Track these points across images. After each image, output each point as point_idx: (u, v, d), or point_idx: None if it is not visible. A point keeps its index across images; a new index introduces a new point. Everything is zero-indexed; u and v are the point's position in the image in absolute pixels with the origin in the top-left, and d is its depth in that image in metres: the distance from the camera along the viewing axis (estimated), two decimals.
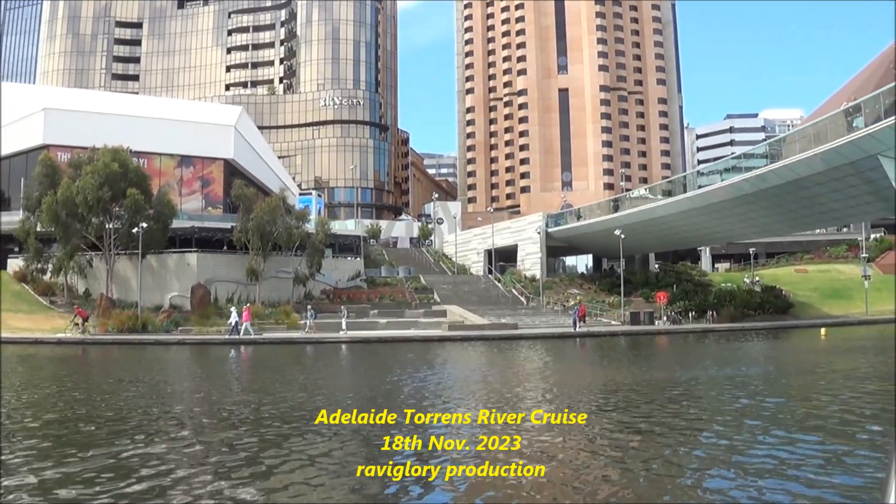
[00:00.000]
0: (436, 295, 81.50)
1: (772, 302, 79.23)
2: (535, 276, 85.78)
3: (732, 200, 58.60)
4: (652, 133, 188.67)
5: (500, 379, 29.08)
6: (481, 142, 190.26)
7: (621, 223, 74.59)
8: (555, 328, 67.06)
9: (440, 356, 43.06)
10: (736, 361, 35.60)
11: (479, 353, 45.18)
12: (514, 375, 31.11)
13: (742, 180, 54.86)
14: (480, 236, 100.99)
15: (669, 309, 74.31)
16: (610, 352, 44.63)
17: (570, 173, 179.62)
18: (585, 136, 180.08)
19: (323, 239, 76.20)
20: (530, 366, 36.02)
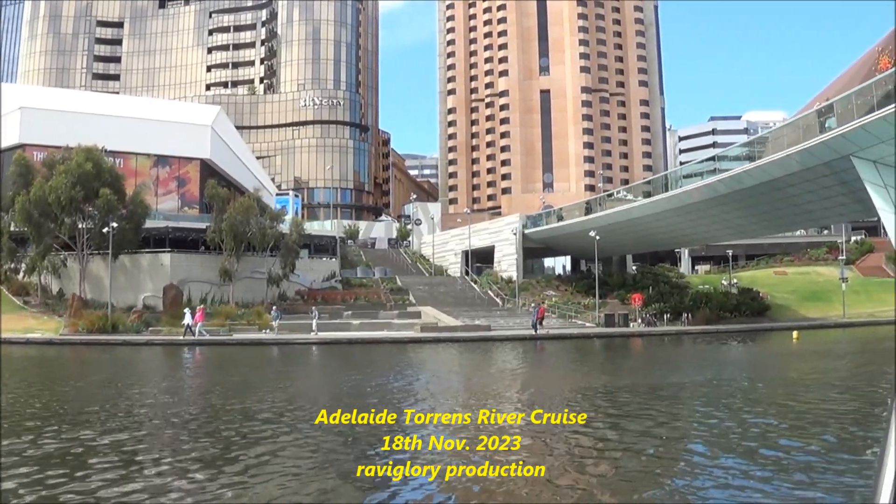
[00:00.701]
0: (411, 296, 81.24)
1: (748, 304, 79.06)
2: (511, 278, 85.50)
3: (708, 202, 58.33)
4: (634, 135, 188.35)
5: (455, 382, 28.28)
6: (463, 143, 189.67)
7: (597, 224, 74.29)
8: (527, 330, 66.94)
9: (406, 358, 42.77)
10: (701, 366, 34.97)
11: (447, 355, 44.87)
12: (473, 378, 30.35)
13: (717, 181, 54.50)
14: (458, 237, 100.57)
15: (644, 311, 74.07)
16: (577, 354, 44.16)
17: (551, 174, 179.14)
18: (567, 137, 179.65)
19: (297, 239, 75.63)
20: (493, 368, 35.30)
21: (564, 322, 73.34)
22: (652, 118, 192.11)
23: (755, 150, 52.21)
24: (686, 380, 27.43)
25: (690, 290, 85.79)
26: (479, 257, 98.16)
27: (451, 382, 28.16)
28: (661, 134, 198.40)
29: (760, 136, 56.04)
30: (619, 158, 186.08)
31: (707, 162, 61.44)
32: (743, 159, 53.36)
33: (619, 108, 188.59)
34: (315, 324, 61.93)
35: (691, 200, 59.36)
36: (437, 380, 29.20)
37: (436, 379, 29.62)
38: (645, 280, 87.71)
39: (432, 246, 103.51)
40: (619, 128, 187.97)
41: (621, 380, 27.82)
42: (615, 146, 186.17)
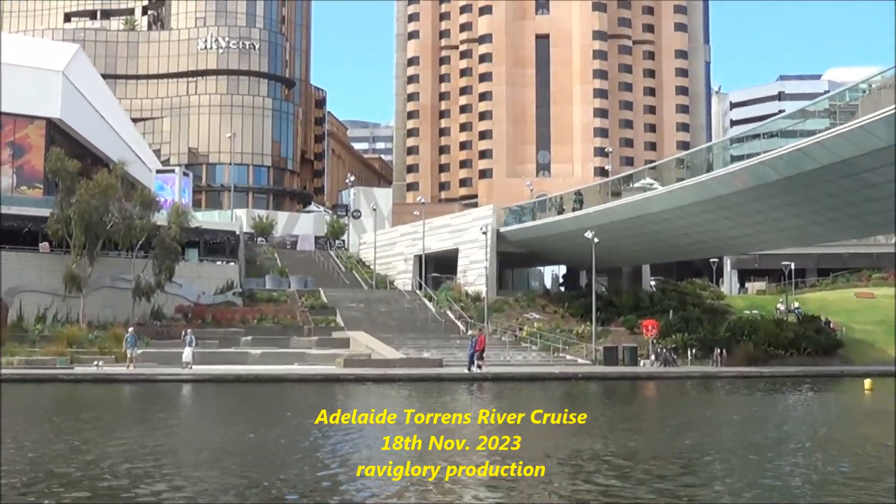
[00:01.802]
0: (339, 317, 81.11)
1: (810, 338, 78.66)
2: (480, 294, 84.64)
3: (751, 192, 57.78)
4: (665, 99, 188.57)
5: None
6: (427, 107, 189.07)
7: (596, 223, 73.89)
8: (497, 366, 66.25)
9: (303, 404, 42.48)
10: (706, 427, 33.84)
11: (365, 402, 44.01)
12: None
13: (760, 163, 53.81)
14: (410, 237, 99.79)
15: (662, 344, 73.45)
16: (529, 402, 42.95)
17: (547, 153, 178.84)
18: (571, 101, 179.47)
19: (178, 235, 74.28)
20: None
21: (547, 356, 72.90)
22: (692, 76, 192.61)
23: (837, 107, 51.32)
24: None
25: (730, 317, 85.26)
26: (438, 264, 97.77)
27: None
28: (704, 98, 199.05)
29: (837, 91, 54.93)
30: (644, 132, 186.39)
31: (781, 120, 59.81)
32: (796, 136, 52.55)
33: (646, 61, 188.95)
34: (189, 353, 60.61)
35: (727, 190, 58.66)
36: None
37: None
38: (667, 301, 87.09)
39: (374, 248, 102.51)
40: (646, 89, 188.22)
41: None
42: (638, 115, 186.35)
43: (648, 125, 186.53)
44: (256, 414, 38.45)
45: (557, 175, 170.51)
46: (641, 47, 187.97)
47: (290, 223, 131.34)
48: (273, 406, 42.17)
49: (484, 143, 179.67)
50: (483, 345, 64.07)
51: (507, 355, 72.72)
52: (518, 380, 60.41)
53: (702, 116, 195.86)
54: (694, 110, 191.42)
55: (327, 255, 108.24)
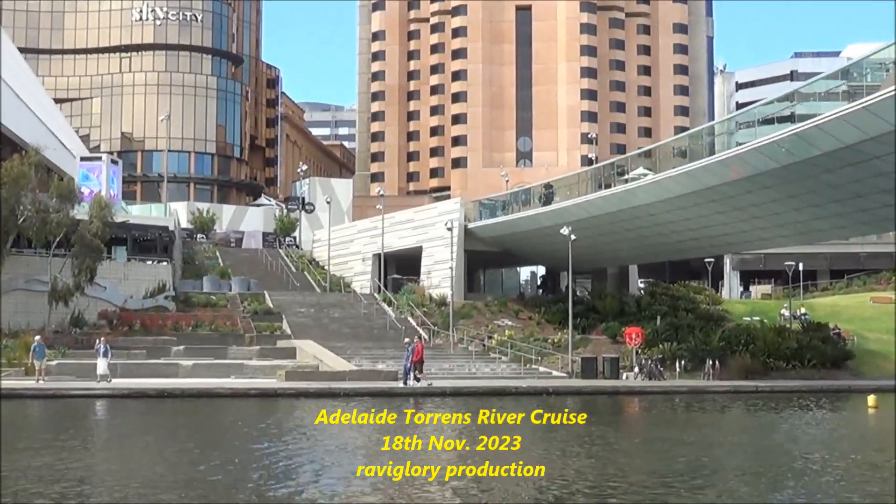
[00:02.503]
0: (286, 324, 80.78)
1: (816, 349, 78.27)
2: (445, 298, 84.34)
3: (745, 183, 57.67)
4: (662, 79, 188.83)
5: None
6: (394, 87, 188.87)
7: (573, 217, 73.71)
8: (459, 379, 66.58)
9: (218, 425, 42.45)
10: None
11: (295, 422, 43.93)
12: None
13: (754, 150, 53.52)
14: (368, 234, 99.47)
15: (647, 355, 73.20)
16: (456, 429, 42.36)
17: (529, 139, 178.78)
18: (556, 81, 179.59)
19: (100, 230, 73.55)
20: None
21: (519, 368, 72.69)
22: (692, 54, 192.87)
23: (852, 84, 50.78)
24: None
25: (728, 325, 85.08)
26: (401, 265, 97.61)
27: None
28: (706, 79, 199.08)
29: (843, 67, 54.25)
30: (639, 116, 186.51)
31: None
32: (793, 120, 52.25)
33: (641, 36, 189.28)
34: (105, 365, 60.01)
35: (718, 181, 58.51)
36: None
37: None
38: (656, 306, 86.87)
39: (328, 245, 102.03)
40: (640, 68, 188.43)
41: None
42: (632, 97, 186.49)
43: (643, 108, 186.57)
44: (159, 437, 37.97)
45: (540, 164, 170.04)
46: (635, 20, 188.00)
47: (236, 218, 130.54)
48: (185, 428, 41.68)
49: (457, 128, 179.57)
50: (420, 355, 63.17)
51: (474, 367, 72.65)
52: (480, 395, 60.03)
53: (703, 99, 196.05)
54: (694, 92, 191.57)
55: (276, 254, 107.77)
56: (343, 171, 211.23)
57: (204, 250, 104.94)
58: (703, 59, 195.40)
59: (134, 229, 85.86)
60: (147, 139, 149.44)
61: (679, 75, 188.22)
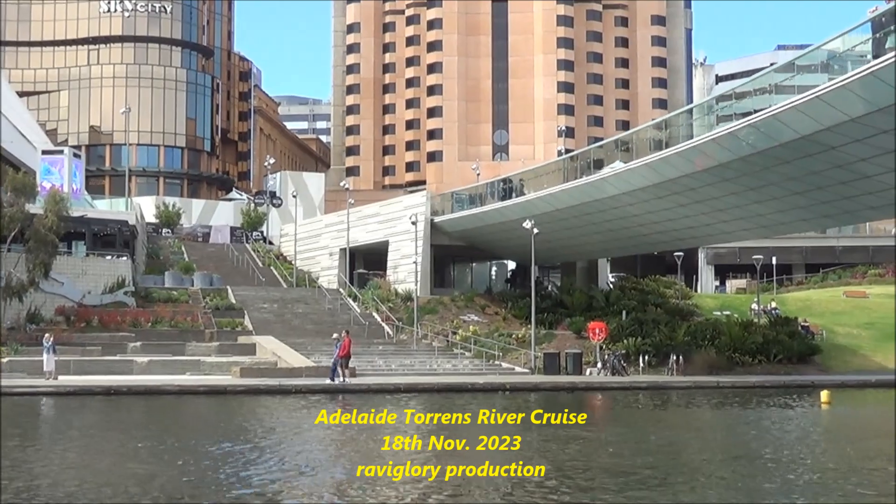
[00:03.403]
0: (248, 320, 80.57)
1: (782, 343, 77.96)
2: (411, 293, 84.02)
3: (704, 175, 57.26)
4: (640, 72, 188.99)
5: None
6: (369, 80, 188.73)
7: (539, 210, 73.35)
8: (419, 376, 66.55)
9: (155, 424, 42.17)
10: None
11: (229, 420, 43.73)
12: None
13: (711, 141, 53.06)
14: (335, 228, 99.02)
15: (611, 350, 72.88)
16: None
17: (505, 132, 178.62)
18: (532, 74, 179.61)
19: (56, 224, 72.93)
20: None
21: (481, 364, 72.47)
22: (670, 46, 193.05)
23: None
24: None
25: (697, 319, 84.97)
26: (368, 259, 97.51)
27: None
28: (684, 71, 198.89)
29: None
30: (616, 109, 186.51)
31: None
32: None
33: (619, 28, 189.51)
34: (50, 361, 59.50)
35: (677, 173, 58.02)
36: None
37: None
38: (625, 300, 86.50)
39: (295, 240, 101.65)
40: (618, 60, 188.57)
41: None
42: (609, 90, 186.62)
43: (621, 101, 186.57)
44: (88, 436, 37.57)
45: (516, 157, 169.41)
46: (613, 12, 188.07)
47: (206, 212, 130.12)
48: (124, 426, 41.21)
49: (433, 121, 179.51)
50: (347, 350, 62.67)
51: (436, 363, 72.22)
52: (434, 391, 59.90)
53: (682, 92, 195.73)
54: (673, 84, 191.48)
55: (244, 248, 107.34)
56: (319, 165, 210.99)
57: (169, 245, 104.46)
58: (682, 51, 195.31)
59: (93, 224, 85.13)
60: (115, 132, 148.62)
61: (657, 68, 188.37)
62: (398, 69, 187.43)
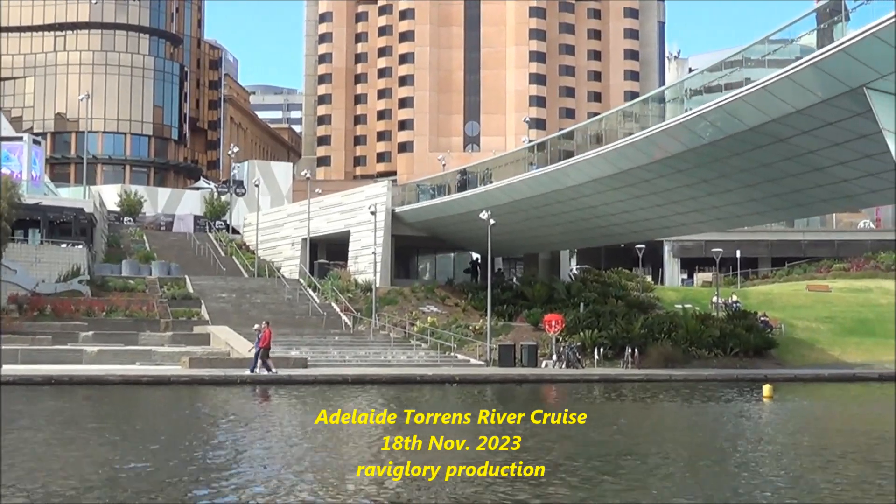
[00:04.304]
0: (204, 310, 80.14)
1: (739, 337, 77.68)
2: (371, 284, 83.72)
3: (657, 166, 56.90)
4: (612, 64, 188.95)
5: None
6: (341, 70, 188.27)
7: (497, 201, 73.23)
8: (371, 367, 66.41)
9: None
10: None
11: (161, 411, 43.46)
12: None
13: (662, 132, 52.60)
14: (298, 218, 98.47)
15: (567, 342, 72.63)
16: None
17: (477, 124, 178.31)
18: (504, 65, 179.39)
19: (6, 212, 72.32)
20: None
21: (437, 356, 72.14)
22: (643, 39, 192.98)
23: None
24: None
25: (658, 312, 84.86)
26: (331, 250, 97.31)
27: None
28: (656, 64, 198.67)
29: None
30: (588, 101, 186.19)
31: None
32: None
33: (591, 20, 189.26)
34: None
35: (629, 164, 57.73)
36: None
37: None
38: (587, 293, 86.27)
39: (257, 229, 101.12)
40: (590, 52, 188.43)
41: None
42: (582, 82, 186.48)
43: (593, 94, 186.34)
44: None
45: (487, 149, 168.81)
46: (585, 4, 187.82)
47: (172, 201, 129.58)
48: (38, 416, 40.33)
49: (404, 112, 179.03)
50: (268, 341, 61.38)
51: (390, 354, 72.00)
52: (383, 383, 59.44)
53: (654, 84, 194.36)
54: (645, 77, 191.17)
55: (206, 238, 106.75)
56: (291, 154, 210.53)
57: (130, 234, 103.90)
58: (655, 44, 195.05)
59: (49, 211, 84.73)
60: (82, 120, 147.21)
61: (629, 60, 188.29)
62: (370, 59, 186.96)
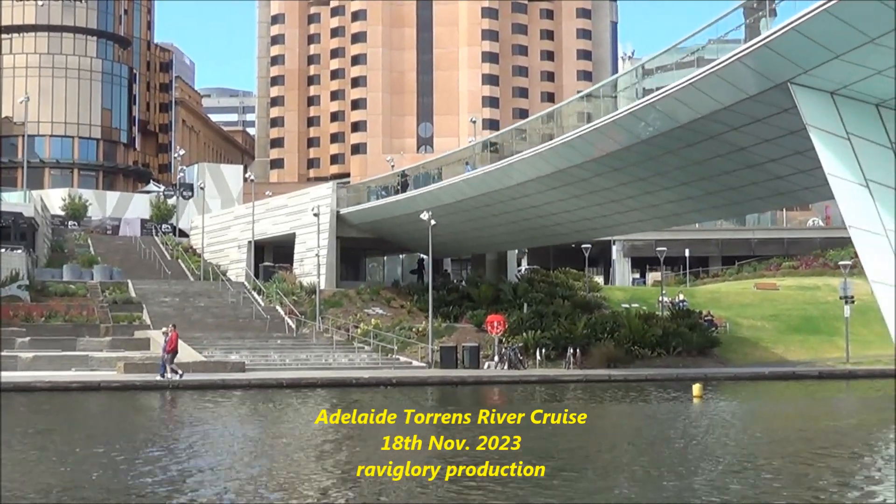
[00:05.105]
0: (146, 314, 79.07)
1: (682, 336, 77.45)
2: (316, 286, 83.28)
3: (592, 164, 56.67)
4: (566, 64, 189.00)
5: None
6: (294, 72, 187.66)
7: (441, 201, 73.14)
8: (310, 370, 65.94)
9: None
10: None
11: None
12: None
13: (594, 131, 52.33)
14: (244, 220, 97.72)
15: (509, 343, 72.41)
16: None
17: (430, 125, 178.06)
18: (457, 66, 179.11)
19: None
20: None
21: (378, 359, 71.70)
22: (596, 39, 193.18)
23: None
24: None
25: (605, 311, 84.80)
26: (278, 252, 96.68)
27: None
28: (609, 64, 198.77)
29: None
30: (542, 101, 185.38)
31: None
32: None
33: (544, 21, 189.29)
34: None
35: (566, 164, 57.47)
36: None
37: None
38: (534, 293, 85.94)
39: (202, 232, 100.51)
40: (543, 53, 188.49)
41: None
42: (535, 82, 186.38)
43: (546, 94, 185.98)
44: None
45: (441, 150, 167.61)
46: (538, 5, 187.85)
47: (121, 204, 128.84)
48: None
49: (357, 113, 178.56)
50: (174, 345, 60.17)
51: (332, 357, 71.56)
52: (318, 386, 59.08)
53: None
54: (598, 77, 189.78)
55: (153, 241, 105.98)
56: (245, 157, 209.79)
57: (77, 238, 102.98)
58: (607, 44, 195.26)
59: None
60: (28, 123, 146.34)
61: (582, 60, 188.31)
62: (323, 61, 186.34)
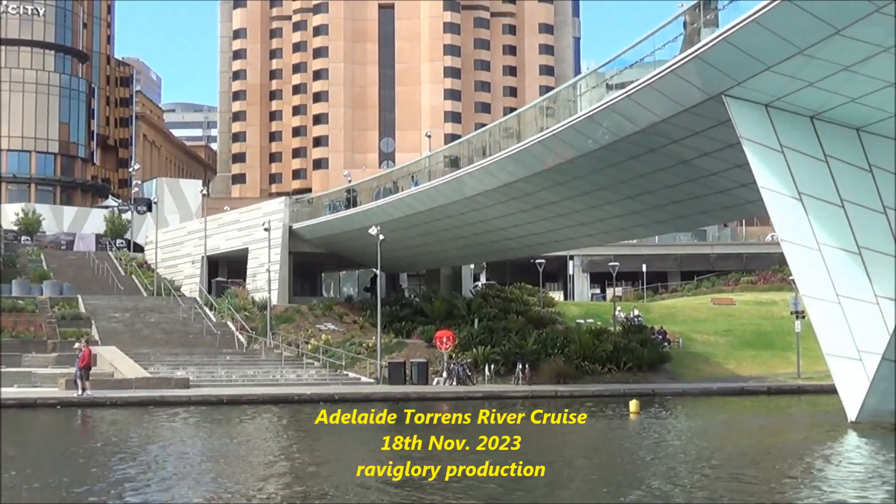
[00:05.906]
0: (95, 329, 78.29)
1: (633, 351, 76.96)
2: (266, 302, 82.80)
3: (536, 179, 56.65)
4: (528, 79, 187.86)
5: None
6: (256, 87, 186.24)
7: (390, 216, 72.91)
8: (254, 387, 65.65)
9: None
10: None
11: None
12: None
13: (539, 143, 52.14)
14: (198, 235, 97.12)
15: (459, 359, 71.78)
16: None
17: (392, 140, 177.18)
18: (420, 81, 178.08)
19: None
20: None
21: (327, 375, 70.99)
22: (558, 54, 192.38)
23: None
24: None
25: (559, 327, 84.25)
26: (232, 268, 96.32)
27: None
28: (572, 78, 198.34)
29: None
30: (505, 115, 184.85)
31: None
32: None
33: (507, 36, 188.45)
34: None
35: (510, 178, 57.36)
36: None
37: None
38: (488, 308, 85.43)
39: (156, 248, 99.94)
40: (506, 68, 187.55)
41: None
42: (497, 98, 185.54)
43: (508, 109, 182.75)
44: None
45: (404, 163, 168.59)
46: (501, 20, 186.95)
47: (79, 220, 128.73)
48: None
49: (319, 128, 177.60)
50: (87, 360, 59.19)
51: (280, 373, 70.90)
52: (259, 402, 58.62)
53: None
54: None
55: (107, 257, 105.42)
56: (208, 172, 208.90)
57: (29, 253, 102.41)
58: (570, 60, 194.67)
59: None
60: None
61: (545, 76, 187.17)
62: (285, 75, 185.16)
